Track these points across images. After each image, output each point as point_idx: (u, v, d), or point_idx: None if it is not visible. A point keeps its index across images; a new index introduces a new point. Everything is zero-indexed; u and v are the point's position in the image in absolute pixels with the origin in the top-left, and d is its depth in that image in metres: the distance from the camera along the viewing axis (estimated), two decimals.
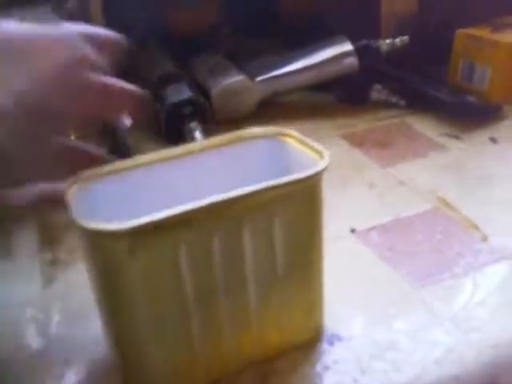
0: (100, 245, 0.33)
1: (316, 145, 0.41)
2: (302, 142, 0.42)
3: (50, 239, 0.56)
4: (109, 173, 0.39)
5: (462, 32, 0.83)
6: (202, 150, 0.42)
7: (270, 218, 0.37)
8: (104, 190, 0.38)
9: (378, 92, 0.81)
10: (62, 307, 0.47)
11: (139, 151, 0.71)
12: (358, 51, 0.78)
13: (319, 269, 0.41)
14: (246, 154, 0.44)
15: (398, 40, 0.79)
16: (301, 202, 0.38)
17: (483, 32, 0.82)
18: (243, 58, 0.85)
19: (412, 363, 0.40)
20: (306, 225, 0.39)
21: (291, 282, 0.40)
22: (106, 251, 0.33)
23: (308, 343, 0.43)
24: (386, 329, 0.43)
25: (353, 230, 0.55)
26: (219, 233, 0.35)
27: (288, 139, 0.43)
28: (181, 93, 0.71)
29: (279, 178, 0.36)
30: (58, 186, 0.36)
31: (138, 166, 0.41)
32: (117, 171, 0.39)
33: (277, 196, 0.35)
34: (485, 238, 0.54)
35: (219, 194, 0.34)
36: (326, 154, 0.39)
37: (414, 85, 0.81)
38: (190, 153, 0.41)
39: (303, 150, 0.41)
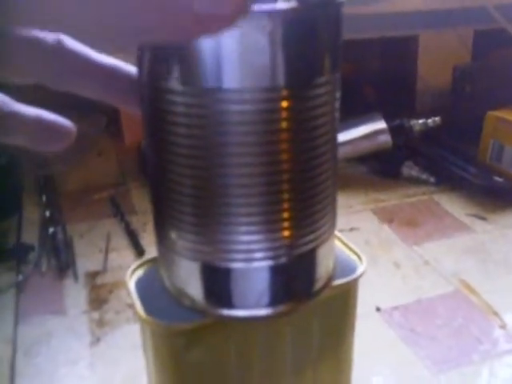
0: (159, 338, 0.38)
1: (355, 247, 0.44)
2: (342, 242, 0.46)
3: (98, 298, 0.61)
4: None
5: (492, 114, 0.87)
6: None
7: (309, 318, 0.41)
8: None
9: (409, 168, 0.85)
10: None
11: None
12: (392, 130, 0.82)
13: (350, 355, 0.45)
14: None
15: (430, 120, 0.84)
16: (337, 303, 0.42)
17: None
18: None
19: None
20: (341, 321, 0.43)
21: (324, 366, 0.43)
22: (164, 345, 0.38)
23: None
24: None
25: (378, 309, 0.59)
26: (263, 331, 0.39)
27: None
28: None
29: None
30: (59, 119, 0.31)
31: None
32: None
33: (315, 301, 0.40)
34: (504, 326, 0.57)
35: None
36: (364, 259, 0.43)
37: (444, 163, 0.85)
38: None
39: (343, 250, 0.45)
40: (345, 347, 0.44)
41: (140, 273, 0.42)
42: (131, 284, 0.40)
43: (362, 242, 0.70)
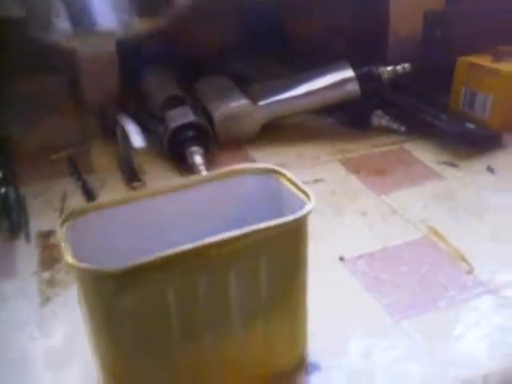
0: (89, 284, 0.35)
1: (304, 186, 0.42)
2: (291, 182, 0.43)
3: (50, 258, 0.58)
4: (100, 207, 0.41)
5: (463, 60, 0.84)
6: (195, 185, 0.43)
7: (256, 258, 0.38)
8: (95, 225, 0.40)
9: (379, 117, 0.82)
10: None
11: (144, 172, 0.74)
12: (360, 78, 0.79)
13: (303, 302, 0.43)
14: (237, 190, 0.45)
15: (399, 67, 0.81)
16: (286, 242, 0.39)
17: (484, 60, 0.83)
18: (250, 81, 0.87)
19: None
20: (291, 261, 0.40)
21: (275, 314, 0.41)
22: (94, 291, 0.35)
23: (291, 373, 0.44)
24: (364, 360, 0.45)
25: (341, 258, 0.57)
26: (205, 274, 0.37)
27: (279, 177, 0.44)
28: (184, 116, 0.73)
29: (269, 216, 0.38)
30: None
31: (128, 202, 0.42)
32: (109, 206, 0.41)
33: (262, 239, 0.37)
34: (471, 271, 0.55)
35: (207, 234, 0.36)
36: (312, 196, 0.40)
37: (414, 111, 0.82)
38: (182, 188, 0.43)
39: (292, 190, 0.42)
40: (297, 294, 0.42)
41: (73, 221, 0.39)
42: (62, 231, 0.38)
43: (327, 193, 0.68)
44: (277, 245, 0.38)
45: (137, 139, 0.69)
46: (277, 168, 0.44)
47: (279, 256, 0.39)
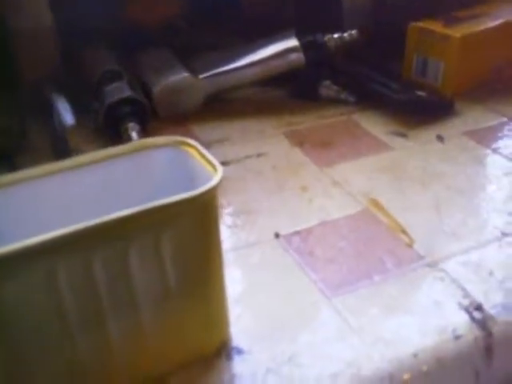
0: None
1: (212, 158, 0.39)
2: (200, 154, 0.40)
3: None
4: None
5: (414, 26, 0.81)
6: (102, 160, 0.40)
7: (158, 236, 0.35)
8: None
9: (327, 88, 0.79)
10: None
11: (80, 151, 0.70)
12: (304, 46, 0.76)
13: (219, 283, 0.40)
14: (146, 164, 0.42)
15: (346, 34, 0.77)
16: (191, 219, 0.36)
17: (435, 26, 0.80)
18: (197, 53, 0.84)
19: (306, 378, 0.39)
20: (199, 241, 0.37)
21: (186, 298, 0.38)
22: None
23: (210, 358, 0.41)
24: (289, 341, 0.42)
25: (277, 235, 0.54)
26: (101, 255, 0.34)
27: (189, 149, 0.41)
28: (120, 92, 0.70)
29: (180, 190, 0.35)
30: None
31: (28, 179, 0.39)
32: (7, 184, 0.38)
33: (164, 216, 0.34)
34: (411, 244, 0.52)
35: (110, 211, 0.33)
36: (220, 169, 0.37)
37: (364, 81, 0.79)
38: (89, 163, 0.40)
39: (201, 163, 0.40)
40: (210, 275, 0.39)
41: None
42: None
43: (268, 168, 0.65)
44: (179, 222, 0.35)
45: (67, 117, 0.65)
46: (186, 140, 0.41)
47: (183, 234, 0.36)
